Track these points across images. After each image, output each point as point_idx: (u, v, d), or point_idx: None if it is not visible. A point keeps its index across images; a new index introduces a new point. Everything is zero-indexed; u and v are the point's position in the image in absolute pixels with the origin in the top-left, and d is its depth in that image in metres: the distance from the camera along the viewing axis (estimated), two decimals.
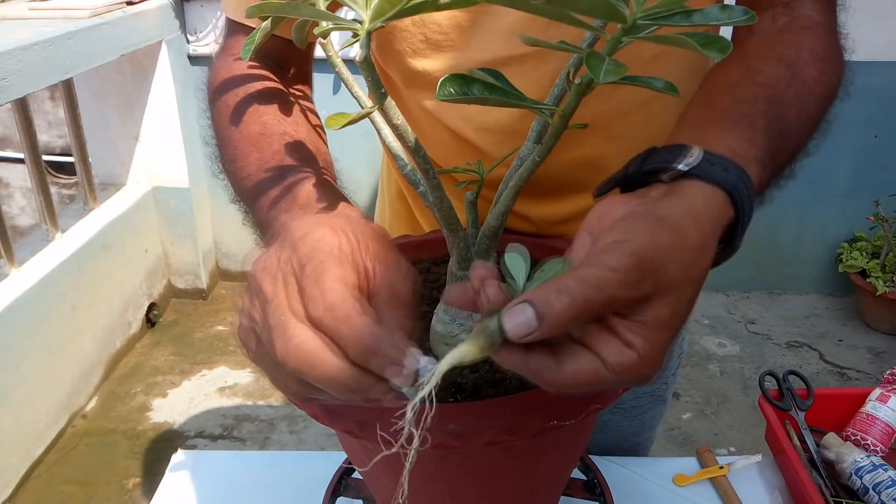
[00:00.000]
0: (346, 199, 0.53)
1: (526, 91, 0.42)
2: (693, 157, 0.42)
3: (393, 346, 0.36)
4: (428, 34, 0.66)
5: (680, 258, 0.38)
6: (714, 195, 0.42)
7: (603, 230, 0.39)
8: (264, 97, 0.64)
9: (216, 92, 0.66)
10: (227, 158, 0.61)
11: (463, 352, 0.35)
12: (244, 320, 0.41)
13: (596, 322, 0.36)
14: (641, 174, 0.44)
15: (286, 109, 0.64)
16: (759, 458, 0.87)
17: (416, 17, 0.65)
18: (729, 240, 0.44)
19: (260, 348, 0.40)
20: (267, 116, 0.62)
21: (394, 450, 0.35)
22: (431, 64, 0.68)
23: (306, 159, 0.58)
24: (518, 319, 0.34)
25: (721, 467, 0.85)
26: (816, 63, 0.57)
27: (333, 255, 0.39)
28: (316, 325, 0.37)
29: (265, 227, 0.53)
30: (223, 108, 0.64)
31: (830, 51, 0.59)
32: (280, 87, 0.67)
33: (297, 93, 0.70)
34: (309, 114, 0.67)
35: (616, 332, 0.36)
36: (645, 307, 0.36)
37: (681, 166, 0.42)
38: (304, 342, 0.36)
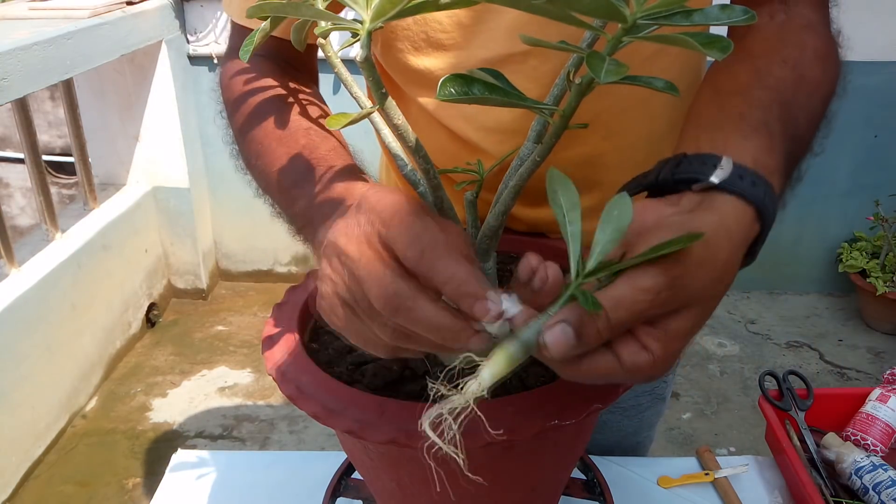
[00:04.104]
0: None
1: (528, 88, 0.42)
2: (724, 170, 0.44)
3: (480, 287, 0.38)
4: (429, 32, 0.66)
5: (710, 274, 0.40)
6: (744, 212, 0.43)
7: (636, 236, 0.40)
8: (281, 96, 0.66)
9: (233, 93, 0.68)
10: (252, 155, 0.63)
11: (500, 365, 0.38)
12: (327, 287, 0.42)
13: None
14: (672, 182, 0.45)
15: (302, 106, 0.65)
16: (746, 468, 0.86)
17: (417, 16, 0.66)
18: (750, 251, 0.45)
19: (347, 310, 0.41)
20: (288, 114, 0.64)
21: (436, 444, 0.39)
22: (432, 62, 0.68)
23: (334, 149, 0.59)
24: (558, 337, 0.37)
25: (706, 474, 0.85)
26: (819, 63, 0.57)
27: (417, 207, 0.41)
28: (411, 268, 0.39)
29: (302, 215, 0.54)
30: (244, 108, 0.66)
31: (830, 48, 0.60)
32: (292, 84, 0.68)
33: (307, 90, 0.71)
34: (322, 106, 0.69)
35: (636, 335, 0.38)
36: (669, 318, 0.39)
37: (714, 179, 0.43)
38: (399, 286, 0.38)
